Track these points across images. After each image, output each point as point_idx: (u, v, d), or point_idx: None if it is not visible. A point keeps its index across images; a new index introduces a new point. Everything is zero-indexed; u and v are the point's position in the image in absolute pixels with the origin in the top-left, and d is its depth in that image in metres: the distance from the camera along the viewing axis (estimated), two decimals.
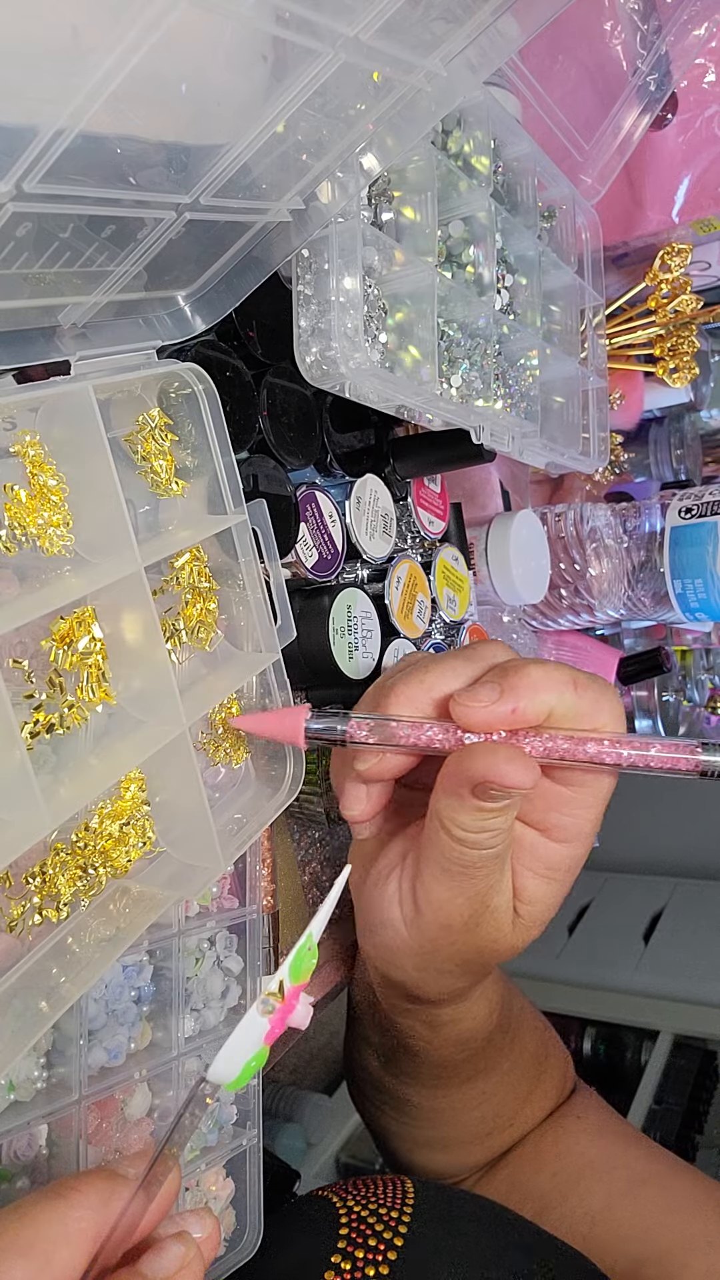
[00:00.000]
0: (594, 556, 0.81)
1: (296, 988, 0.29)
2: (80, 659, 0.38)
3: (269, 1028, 0.29)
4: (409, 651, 0.62)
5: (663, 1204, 0.47)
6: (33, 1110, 0.39)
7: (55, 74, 0.26)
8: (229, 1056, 0.28)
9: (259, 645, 0.46)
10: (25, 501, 0.35)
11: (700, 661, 1.26)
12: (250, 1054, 0.28)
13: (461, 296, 0.56)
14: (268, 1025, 0.29)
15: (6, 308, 0.35)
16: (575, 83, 0.69)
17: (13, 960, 0.36)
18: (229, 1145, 0.49)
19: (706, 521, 0.79)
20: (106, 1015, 0.43)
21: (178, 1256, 0.28)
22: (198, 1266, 0.29)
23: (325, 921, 0.30)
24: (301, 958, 0.29)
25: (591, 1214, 0.47)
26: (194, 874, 0.42)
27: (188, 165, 0.33)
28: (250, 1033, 0.28)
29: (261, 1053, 0.29)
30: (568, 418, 0.72)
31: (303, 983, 0.30)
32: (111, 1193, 0.28)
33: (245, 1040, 0.28)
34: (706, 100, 0.83)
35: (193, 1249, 0.29)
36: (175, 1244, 0.29)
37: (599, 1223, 0.47)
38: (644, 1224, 0.46)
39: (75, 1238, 0.27)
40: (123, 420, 0.41)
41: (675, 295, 0.91)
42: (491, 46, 0.37)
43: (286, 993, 0.29)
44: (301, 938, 0.29)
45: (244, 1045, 0.28)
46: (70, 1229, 0.27)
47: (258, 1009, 0.29)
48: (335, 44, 0.31)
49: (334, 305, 0.45)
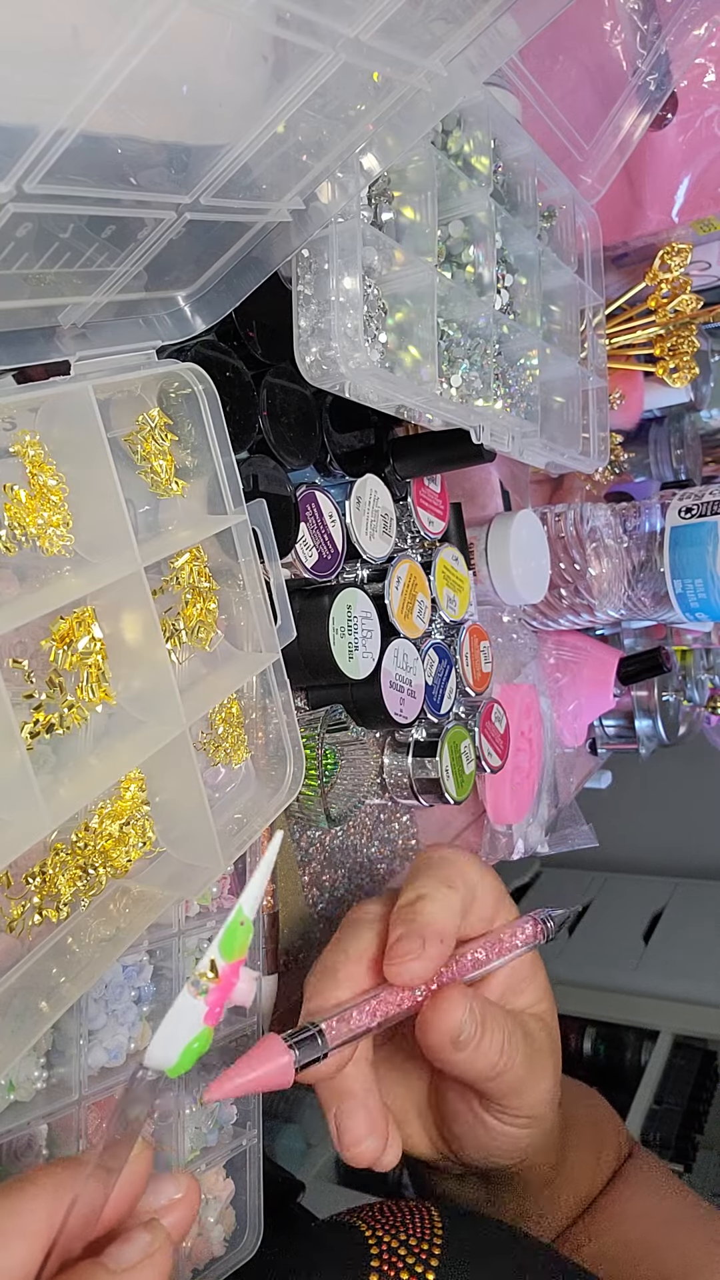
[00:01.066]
0: (594, 556, 0.81)
1: (233, 964, 0.29)
2: (80, 659, 0.38)
3: (206, 1008, 0.28)
4: (408, 652, 0.62)
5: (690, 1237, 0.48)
6: (33, 1110, 0.39)
7: (55, 74, 0.26)
8: (164, 1040, 0.28)
9: (259, 645, 0.46)
10: (25, 501, 0.35)
11: (700, 661, 1.26)
12: (190, 1036, 0.28)
13: (461, 296, 0.56)
14: (204, 1006, 0.28)
15: (6, 308, 0.35)
16: (575, 83, 0.69)
17: (13, 960, 0.36)
18: (229, 1145, 0.49)
19: (706, 521, 0.79)
20: (106, 1015, 0.43)
21: (142, 1246, 0.28)
22: (164, 1256, 0.28)
23: (258, 896, 0.30)
24: (234, 933, 0.29)
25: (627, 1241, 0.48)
26: (194, 874, 0.42)
27: (188, 165, 0.33)
28: (185, 1016, 0.28)
29: (204, 1034, 0.28)
30: (568, 418, 0.72)
31: (239, 959, 0.29)
32: (69, 1183, 0.28)
33: (180, 1023, 0.28)
34: (706, 100, 0.83)
35: (160, 1238, 0.28)
36: (142, 1233, 0.28)
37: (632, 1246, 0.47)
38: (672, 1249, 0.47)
39: (30, 1229, 0.27)
40: (123, 420, 0.41)
41: (675, 295, 0.91)
42: (491, 47, 0.37)
43: (222, 971, 0.28)
44: (232, 912, 0.29)
45: (180, 1028, 0.28)
46: (24, 1221, 0.27)
47: (189, 990, 0.28)
48: (335, 44, 0.31)
49: (334, 305, 0.45)
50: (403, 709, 0.61)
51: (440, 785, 0.65)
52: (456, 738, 0.67)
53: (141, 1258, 0.28)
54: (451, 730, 0.67)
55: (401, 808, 0.71)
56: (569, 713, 0.93)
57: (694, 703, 1.23)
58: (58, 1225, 0.27)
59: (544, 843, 0.87)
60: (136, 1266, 0.27)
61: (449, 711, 0.67)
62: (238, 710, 0.47)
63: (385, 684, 0.59)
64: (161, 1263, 0.28)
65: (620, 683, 0.99)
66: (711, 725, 1.29)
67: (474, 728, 0.70)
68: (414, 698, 0.62)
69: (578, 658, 0.94)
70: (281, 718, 0.47)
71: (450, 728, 0.67)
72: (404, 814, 0.71)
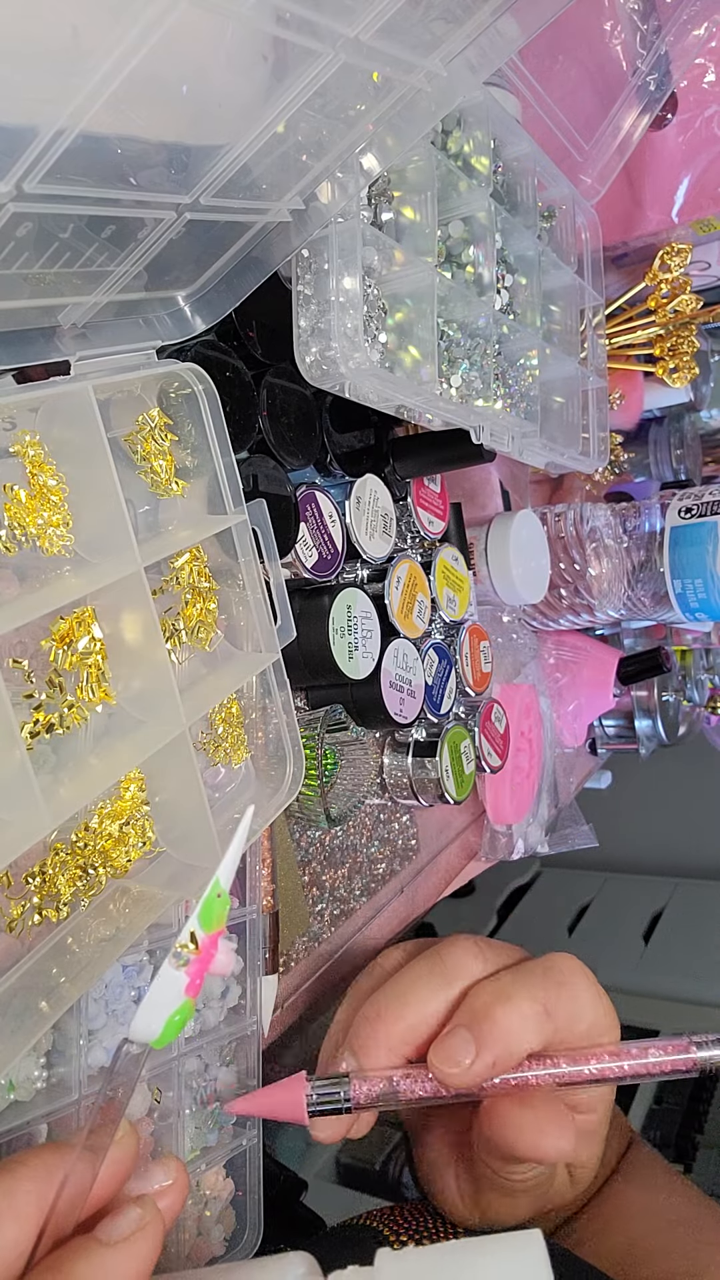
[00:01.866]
0: (594, 556, 0.81)
1: (212, 936, 0.29)
2: (80, 659, 0.38)
3: (187, 980, 0.29)
4: (408, 652, 0.62)
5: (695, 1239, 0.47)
6: (33, 1110, 0.39)
7: (55, 74, 0.26)
8: (148, 1013, 0.28)
9: (259, 645, 0.46)
10: (25, 501, 0.35)
11: (700, 661, 1.26)
12: (172, 1009, 0.28)
13: (461, 296, 0.56)
14: (185, 978, 0.29)
15: (6, 308, 0.35)
16: (575, 83, 0.69)
17: (13, 960, 0.36)
18: (229, 1145, 0.49)
19: (706, 521, 0.79)
20: (106, 1015, 0.43)
21: (135, 1220, 0.28)
22: (156, 1228, 0.28)
23: (233, 868, 0.30)
24: (211, 905, 0.29)
25: (631, 1239, 0.47)
26: (194, 874, 0.42)
27: (188, 165, 0.33)
28: (167, 987, 0.28)
29: (186, 1006, 0.29)
30: (568, 418, 0.72)
31: (218, 930, 0.30)
32: (59, 1164, 0.28)
33: (163, 996, 0.28)
34: (706, 100, 0.83)
35: (151, 1212, 0.29)
36: (133, 1207, 0.28)
37: (636, 1245, 0.47)
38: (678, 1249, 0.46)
39: (21, 1210, 0.27)
40: (123, 420, 0.41)
41: (675, 295, 0.91)
42: (491, 47, 0.37)
43: (201, 942, 0.29)
44: (209, 885, 0.29)
45: (162, 1001, 0.28)
46: (16, 1202, 0.27)
47: (170, 962, 0.28)
48: (335, 44, 0.31)
49: (334, 305, 0.45)
50: (403, 709, 0.61)
51: (440, 785, 0.65)
52: (456, 738, 0.67)
53: (134, 1230, 0.28)
54: (451, 730, 0.67)
55: (401, 808, 0.71)
56: (569, 713, 0.93)
57: (694, 703, 1.23)
58: (49, 1206, 0.28)
59: (544, 843, 0.87)
60: (130, 1238, 0.28)
61: (449, 711, 0.67)
62: (238, 710, 0.47)
63: (385, 684, 0.59)
64: (154, 1234, 0.28)
65: (620, 683, 0.99)
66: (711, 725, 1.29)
67: (474, 728, 0.70)
68: (414, 698, 0.62)
69: (578, 658, 0.94)
70: (281, 718, 0.47)
71: (450, 728, 0.67)
72: (404, 814, 0.71)
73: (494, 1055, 0.36)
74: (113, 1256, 0.27)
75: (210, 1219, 0.48)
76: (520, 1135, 0.36)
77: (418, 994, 0.39)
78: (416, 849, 0.72)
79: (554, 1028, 0.37)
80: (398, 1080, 0.37)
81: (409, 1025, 0.39)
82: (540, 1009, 0.37)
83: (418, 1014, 0.39)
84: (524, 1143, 0.35)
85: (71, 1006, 0.36)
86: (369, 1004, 0.40)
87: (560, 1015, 0.37)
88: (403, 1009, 0.39)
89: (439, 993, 0.39)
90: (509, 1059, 0.36)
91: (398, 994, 0.40)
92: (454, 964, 0.40)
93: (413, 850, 0.72)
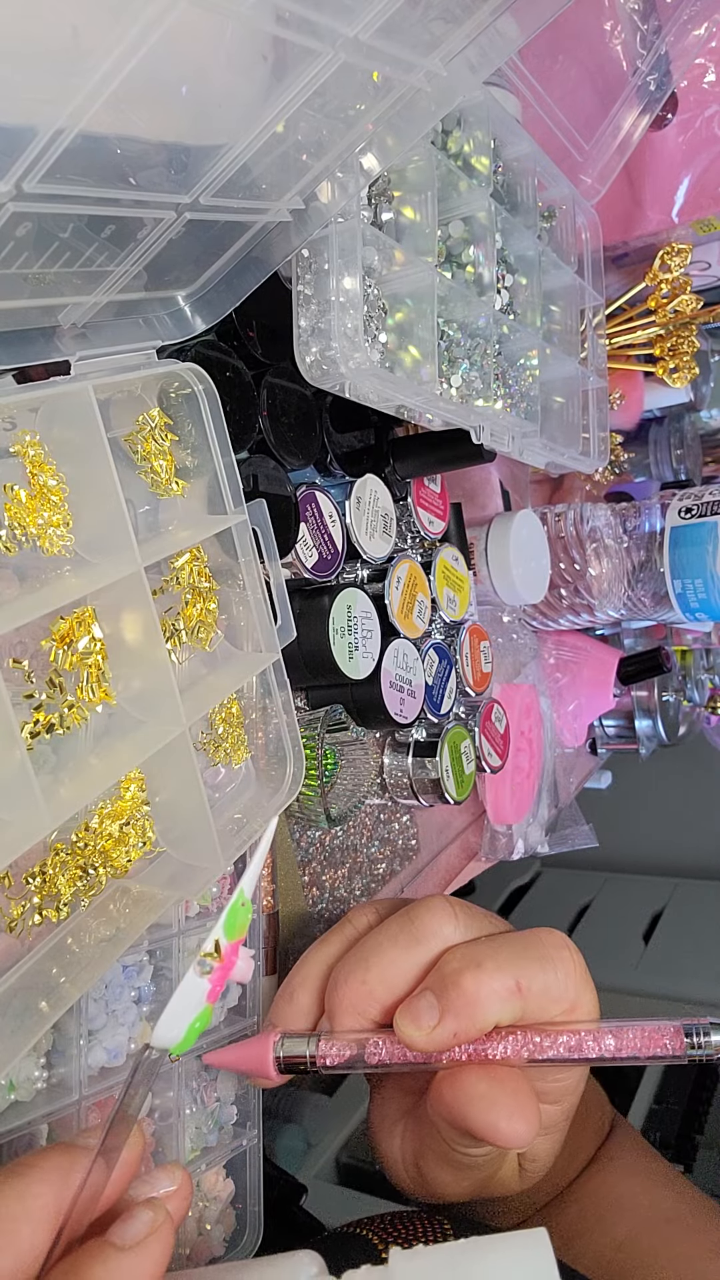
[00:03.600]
0: (594, 556, 0.81)
1: (234, 944, 0.30)
2: (80, 659, 0.38)
3: (209, 987, 0.29)
4: (408, 652, 0.62)
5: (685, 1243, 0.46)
6: (33, 1110, 0.39)
7: (55, 74, 0.26)
8: (171, 1020, 0.29)
9: (259, 645, 0.46)
10: (25, 501, 0.35)
11: (700, 661, 1.26)
12: (193, 1015, 0.29)
13: (461, 296, 0.56)
14: (208, 985, 0.29)
15: (6, 308, 0.35)
16: (575, 83, 0.69)
17: (13, 960, 0.36)
18: (229, 1145, 0.49)
19: (706, 521, 0.79)
20: (106, 1015, 0.43)
21: (147, 1222, 0.28)
22: (168, 1230, 0.28)
23: (256, 877, 0.31)
24: (235, 914, 0.30)
25: (617, 1241, 0.46)
26: (194, 874, 0.42)
27: (188, 165, 0.33)
28: (190, 995, 0.29)
29: (205, 1012, 0.29)
30: (568, 418, 0.72)
31: (240, 938, 0.30)
32: (70, 1166, 0.28)
33: (186, 1003, 0.29)
34: (706, 100, 0.83)
35: (162, 1214, 0.29)
36: (145, 1210, 0.28)
37: (624, 1249, 0.45)
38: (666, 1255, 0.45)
39: (36, 1213, 0.27)
40: (123, 420, 0.41)
41: (675, 295, 0.91)
42: (491, 46, 0.37)
43: (224, 950, 0.29)
44: (234, 894, 0.30)
45: (186, 1008, 0.29)
46: (30, 1205, 0.27)
47: (195, 970, 0.29)
48: (335, 44, 0.31)
49: (334, 305, 0.45)
50: (403, 709, 0.61)
51: (440, 785, 0.65)
52: (456, 738, 0.67)
53: (147, 1233, 0.28)
54: (451, 730, 0.67)
55: (401, 808, 0.71)
56: (569, 713, 0.93)
57: (694, 703, 1.23)
58: (65, 1208, 0.28)
59: (544, 843, 0.87)
60: (143, 1241, 0.28)
61: (449, 711, 0.67)
62: (238, 710, 0.47)
63: (385, 684, 0.59)
64: (166, 1237, 0.28)
65: (620, 683, 0.99)
66: (711, 725, 1.29)
67: (474, 728, 0.70)
68: (414, 698, 0.62)
69: (578, 658, 0.94)
70: (281, 718, 0.47)
71: (450, 728, 0.67)
72: (404, 814, 0.71)
73: (457, 1024, 0.34)
74: (128, 1260, 0.27)
75: (210, 1219, 0.48)
76: (478, 1110, 0.34)
77: (386, 955, 0.38)
78: (417, 849, 0.72)
79: (524, 1005, 0.35)
80: (366, 1043, 0.36)
81: (374, 987, 0.37)
82: (512, 983, 0.35)
83: (383, 975, 0.37)
84: (481, 1120, 0.33)
85: (71, 1007, 0.36)
86: (339, 965, 0.39)
87: (534, 993, 0.35)
88: (367, 971, 0.37)
89: (408, 953, 0.37)
90: (472, 1029, 0.35)
91: (363, 955, 0.38)
92: (424, 925, 0.38)
93: (413, 850, 0.72)
